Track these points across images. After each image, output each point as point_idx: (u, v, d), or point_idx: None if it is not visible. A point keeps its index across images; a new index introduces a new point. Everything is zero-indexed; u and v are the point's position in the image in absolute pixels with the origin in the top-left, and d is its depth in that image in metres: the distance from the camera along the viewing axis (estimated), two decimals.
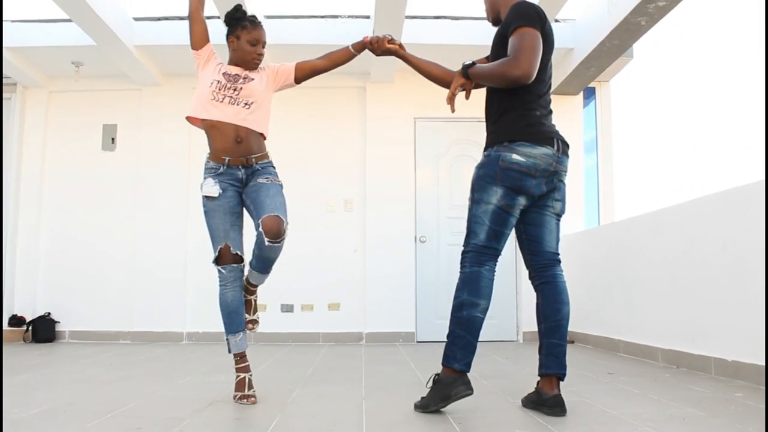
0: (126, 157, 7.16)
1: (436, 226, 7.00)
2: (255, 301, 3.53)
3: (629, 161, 7.54)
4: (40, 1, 5.52)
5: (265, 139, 3.35)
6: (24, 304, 6.97)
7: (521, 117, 2.84)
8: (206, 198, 3.23)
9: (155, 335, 6.81)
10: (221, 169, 3.24)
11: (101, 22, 5.64)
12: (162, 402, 3.26)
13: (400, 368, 4.65)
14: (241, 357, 3.28)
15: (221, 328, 3.32)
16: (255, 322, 3.51)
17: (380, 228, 6.87)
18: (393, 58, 3.38)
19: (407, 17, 5.63)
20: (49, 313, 6.91)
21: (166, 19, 6.49)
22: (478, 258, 2.83)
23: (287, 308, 6.76)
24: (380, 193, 6.92)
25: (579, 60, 6.20)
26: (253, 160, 3.26)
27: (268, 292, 6.93)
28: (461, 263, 2.91)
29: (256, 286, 3.49)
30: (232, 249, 3.20)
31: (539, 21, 2.78)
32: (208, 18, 6.23)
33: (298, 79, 3.44)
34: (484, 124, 3.05)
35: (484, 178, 2.83)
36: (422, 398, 2.91)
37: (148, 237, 6.99)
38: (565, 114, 7.08)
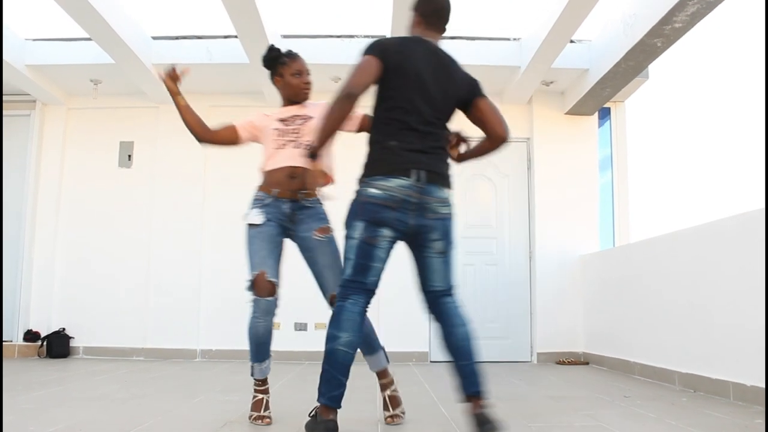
0: (142, 174, 7.21)
1: None
2: (395, 394, 3.34)
3: (644, 182, 7.51)
4: (61, 20, 5.60)
5: (329, 182, 3.12)
6: (39, 319, 7.00)
7: (376, 150, 2.82)
8: (249, 226, 3.23)
9: (169, 352, 6.81)
10: (267, 201, 3.24)
11: (120, 40, 5.71)
12: (177, 422, 3.26)
13: (415, 389, 4.63)
14: (263, 381, 3.29)
15: (235, 346, 3.35)
16: (397, 416, 3.28)
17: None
18: None
19: None
20: (63, 329, 6.93)
21: (184, 38, 6.56)
22: (344, 292, 2.80)
23: (301, 327, 6.75)
24: None
25: (594, 80, 6.19)
26: (301, 195, 3.24)
27: (281, 311, 6.92)
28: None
29: (385, 374, 3.35)
30: (267, 276, 3.14)
31: (377, 49, 2.79)
32: (226, 37, 6.34)
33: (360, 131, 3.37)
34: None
35: (349, 215, 2.84)
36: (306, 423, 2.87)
37: (163, 253, 7.01)
38: (580, 134, 7.08)
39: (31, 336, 6.87)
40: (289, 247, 3.31)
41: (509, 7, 6.54)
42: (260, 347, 3.23)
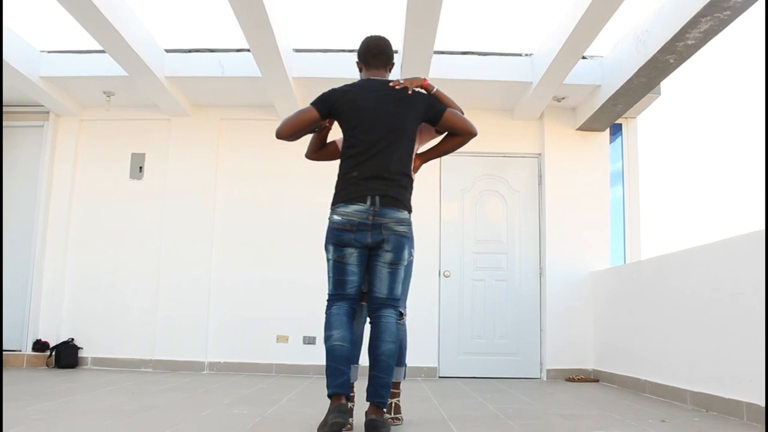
0: (153, 186, 7.24)
1: (460, 261, 6.97)
2: (398, 403, 3.72)
3: (656, 198, 7.47)
4: (75, 32, 5.64)
5: None
6: (48, 329, 7.01)
7: (339, 182, 3.31)
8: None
9: (177, 364, 6.80)
10: None
11: (134, 53, 5.75)
12: None
13: (423, 404, 4.59)
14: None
15: (243, 359, 3.35)
16: (397, 419, 3.67)
17: None
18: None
19: (435, 52, 5.66)
20: (72, 339, 6.95)
21: (197, 51, 6.60)
22: (330, 304, 3.29)
23: (309, 340, 6.72)
24: None
25: (606, 96, 6.18)
26: None
27: (290, 323, 6.92)
28: None
29: (397, 386, 3.70)
30: None
31: (318, 100, 3.36)
32: (239, 51, 6.37)
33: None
34: (511, 159, 3.20)
35: (325, 239, 3.29)
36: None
37: (172, 265, 7.02)
38: (592, 150, 7.06)
39: (39, 346, 6.88)
40: (299, 261, 3.31)
41: (522, 23, 6.55)
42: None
